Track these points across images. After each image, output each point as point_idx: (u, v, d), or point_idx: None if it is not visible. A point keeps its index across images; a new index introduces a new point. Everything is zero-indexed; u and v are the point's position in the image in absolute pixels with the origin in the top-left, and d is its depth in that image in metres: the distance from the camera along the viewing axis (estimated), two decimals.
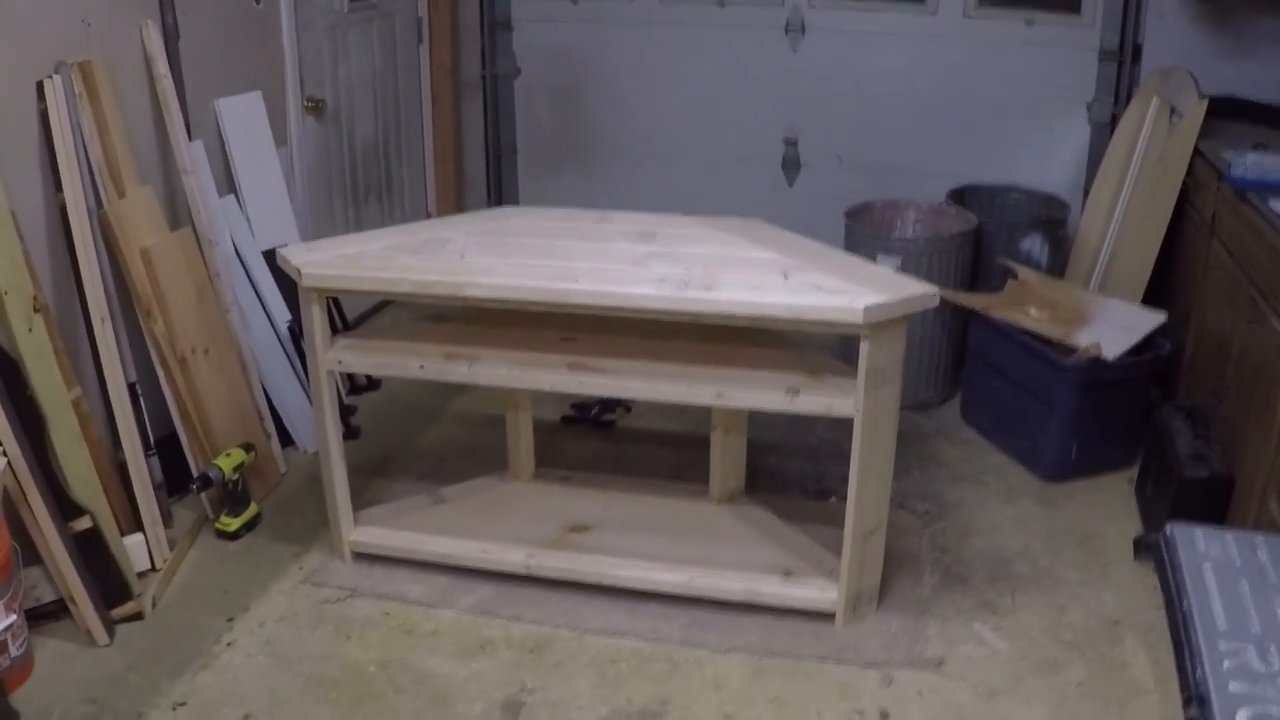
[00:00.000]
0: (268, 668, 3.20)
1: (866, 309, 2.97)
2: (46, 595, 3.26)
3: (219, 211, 4.15)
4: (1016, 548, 3.77)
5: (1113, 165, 4.74)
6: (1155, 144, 4.55)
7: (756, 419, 4.03)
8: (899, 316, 3.07)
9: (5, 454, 3.00)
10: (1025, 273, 4.60)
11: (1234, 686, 1.92)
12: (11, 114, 3.23)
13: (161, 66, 3.81)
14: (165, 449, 3.76)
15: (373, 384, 4.95)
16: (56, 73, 3.34)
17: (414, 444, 4.52)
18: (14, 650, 3.02)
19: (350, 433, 4.44)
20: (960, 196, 5.08)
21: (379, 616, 3.43)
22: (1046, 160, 5.23)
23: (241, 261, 4.25)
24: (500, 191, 6.18)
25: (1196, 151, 4.32)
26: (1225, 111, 4.51)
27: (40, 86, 3.29)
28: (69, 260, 3.40)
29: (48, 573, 3.19)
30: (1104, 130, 5.05)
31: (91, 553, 3.23)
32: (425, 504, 3.90)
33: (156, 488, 3.65)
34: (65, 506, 3.18)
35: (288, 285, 4.05)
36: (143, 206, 3.69)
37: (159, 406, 3.75)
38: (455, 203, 6.05)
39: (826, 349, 3.61)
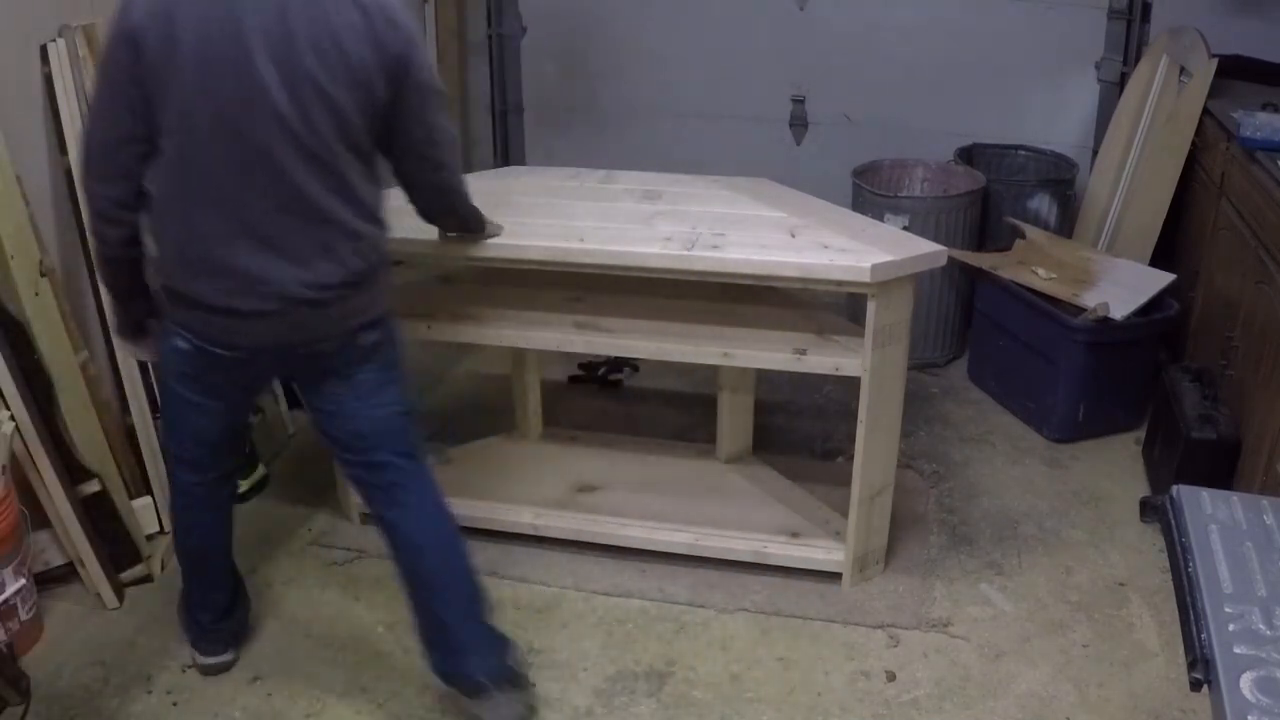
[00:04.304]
0: (276, 629, 3.22)
1: (874, 268, 2.97)
2: (55, 559, 3.27)
3: None
4: (1023, 509, 3.78)
5: (1121, 125, 4.72)
6: (1164, 103, 4.52)
7: (764, 378, 4.04)
8: (906, 275, 3.07)
9: (13, 418, 3.00)
10: (1033, 232, 4.59)
11: (1239, 649, 1.92)
12: (15, 78, 3.21)
13: None
14: None
15: None
16: (60, 36, 3.32)
17: (422, 404, 4.52)
18: (23, 614, 3.03)
19: None
20: (968, 155, 5.05)
21: (387, 577, 3.43)
22: (1055, 119, 5.20)
23: None
24: (506, 151, 6.15)
25: (1206, 111, 4.29)
26: (1235, 71, 4.47)
27: (44, 50, 3.27)
28: (75, 223, 3.39)
29: (56, 537, 3.21)
30: (1113, 89, 5.01)
31: (100, 516, 3.24)
32: (432, 464, 3.89)
33: (164, 451, 3.66)
34: (74, 470, 3.19)
35: None
36: None
37: None
38: (461, 163, 6.03)
39: (834, 308, 3.60)
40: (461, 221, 3.08)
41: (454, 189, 2.88)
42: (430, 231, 3.23)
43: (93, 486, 3.23)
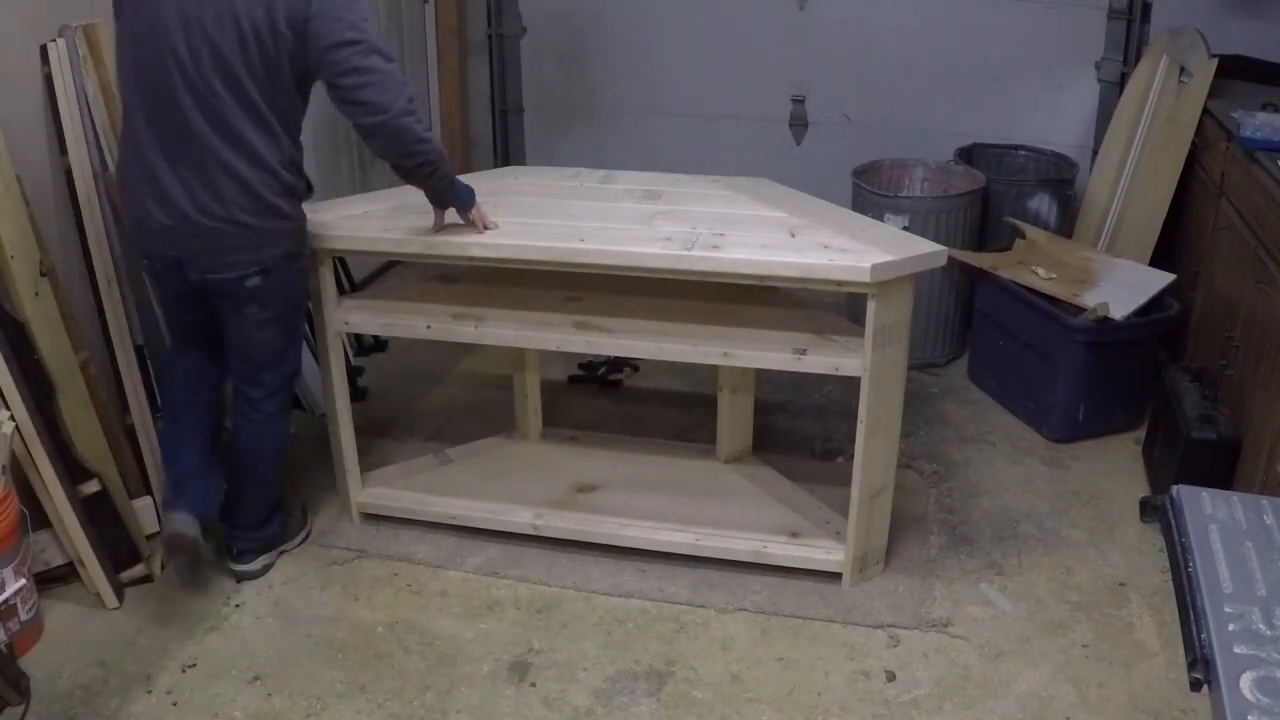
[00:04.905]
0: (276, 629, 3.22)
1: (874, 268, 2.97)
2: (55, 559, 3.27)
3: None
4: (1023, 508, 3.78)
5: (1121, 125, 4.72)
6: (1164, 103, 4.53)
7: (764, 378, 4.04)
8: (906, 275, 3.07)
9: (13, 418, 3.00)
10: (1033, 232, 4.59)
11: (1239, 649, 1.92)
12: (16, 78, 3.21)
13: None
14: None
15: (380, 345, 4.95)
16: (60, 36, 3.32)
17: (421, 405, 4.53)
18: (23, 614, 3.03)
19: (357, 394, 4.45)
20: (968, 155, 5.05)
21: (387, 577, 3.44)
22: (1055, 119, 5.20)
23: None
24: (507, 151, 6.15)
25: (1206, 111, 4.29)
26: (1235, 71, 4.47)
27: (44, 50, 3.27)
28: (75, 224, 3.39)
29: (56, 536, 3.21)
30: (1113, 89, 5.01)
31: (100, 516, 3.25)
32: (433, 464, 3.91)
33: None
34: (74, 470, 3.19)
35: None
36: None
37: None
38: (461, 163, 6.03)
39: (834, 308, 3.59)
40: (430, 168, 3.11)
41: (405, 130, 2.98)
42: (428, 230, 3.23)
43: (93, 486, 3.24)
